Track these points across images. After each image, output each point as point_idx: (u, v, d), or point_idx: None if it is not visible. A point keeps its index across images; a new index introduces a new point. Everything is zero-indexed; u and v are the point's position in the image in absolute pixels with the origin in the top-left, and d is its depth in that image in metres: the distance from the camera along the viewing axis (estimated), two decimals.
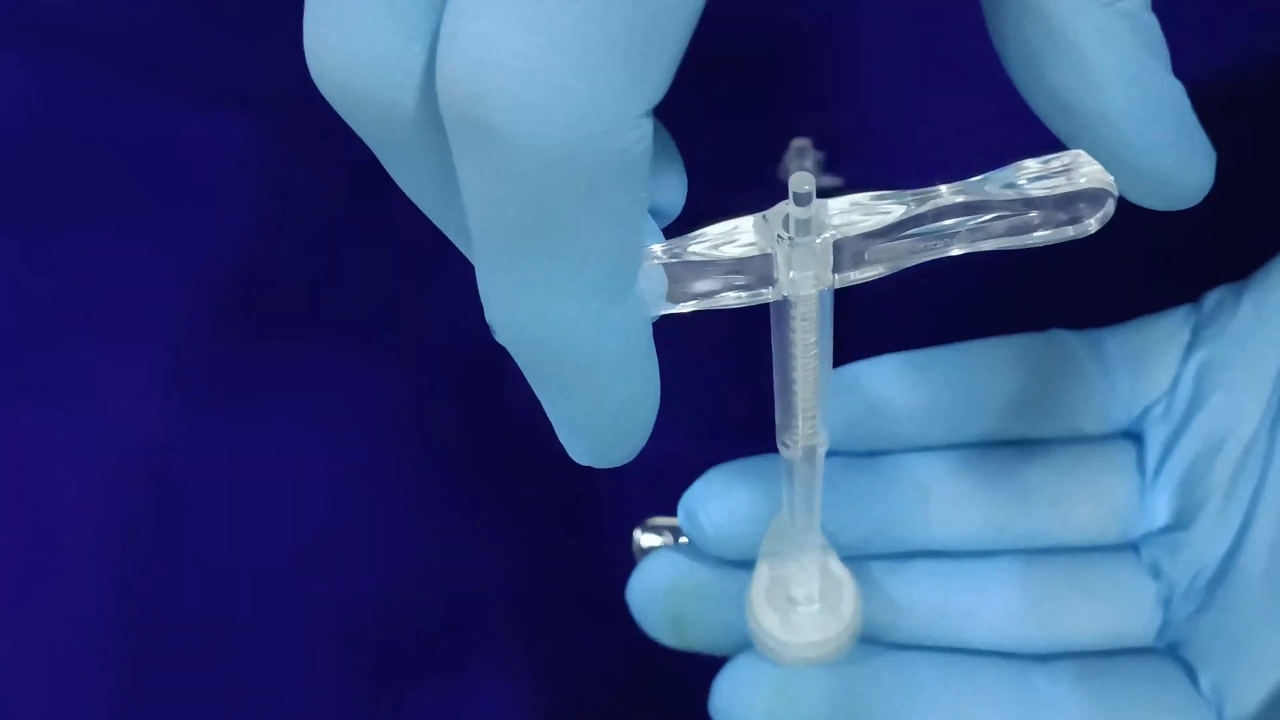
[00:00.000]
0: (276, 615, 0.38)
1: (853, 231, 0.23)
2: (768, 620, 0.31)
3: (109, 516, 0.39)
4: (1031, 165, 0.23)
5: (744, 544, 0.31)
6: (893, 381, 0.32)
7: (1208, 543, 0.31)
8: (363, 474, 0.39)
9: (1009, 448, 0.33)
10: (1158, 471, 0.32)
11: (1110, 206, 0.23)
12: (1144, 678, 0.31)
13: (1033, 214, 0.23)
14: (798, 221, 0.22)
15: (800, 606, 0.31)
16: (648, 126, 0.20)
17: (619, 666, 0.38)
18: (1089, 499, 0.32)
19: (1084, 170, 0.23)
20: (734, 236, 0.23)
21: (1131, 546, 0.33)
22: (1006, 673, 0.31)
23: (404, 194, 0.42)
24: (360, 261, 0.42)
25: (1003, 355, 0.32)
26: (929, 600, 0.32)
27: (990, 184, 0.23)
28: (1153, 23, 0.23)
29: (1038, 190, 0.23)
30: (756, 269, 0.23)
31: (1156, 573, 0.32)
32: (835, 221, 0.23)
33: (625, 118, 0.19)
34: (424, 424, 0.40)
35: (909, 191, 0.23)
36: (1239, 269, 0.34)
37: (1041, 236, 0.23)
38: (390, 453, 0.40)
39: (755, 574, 0.31)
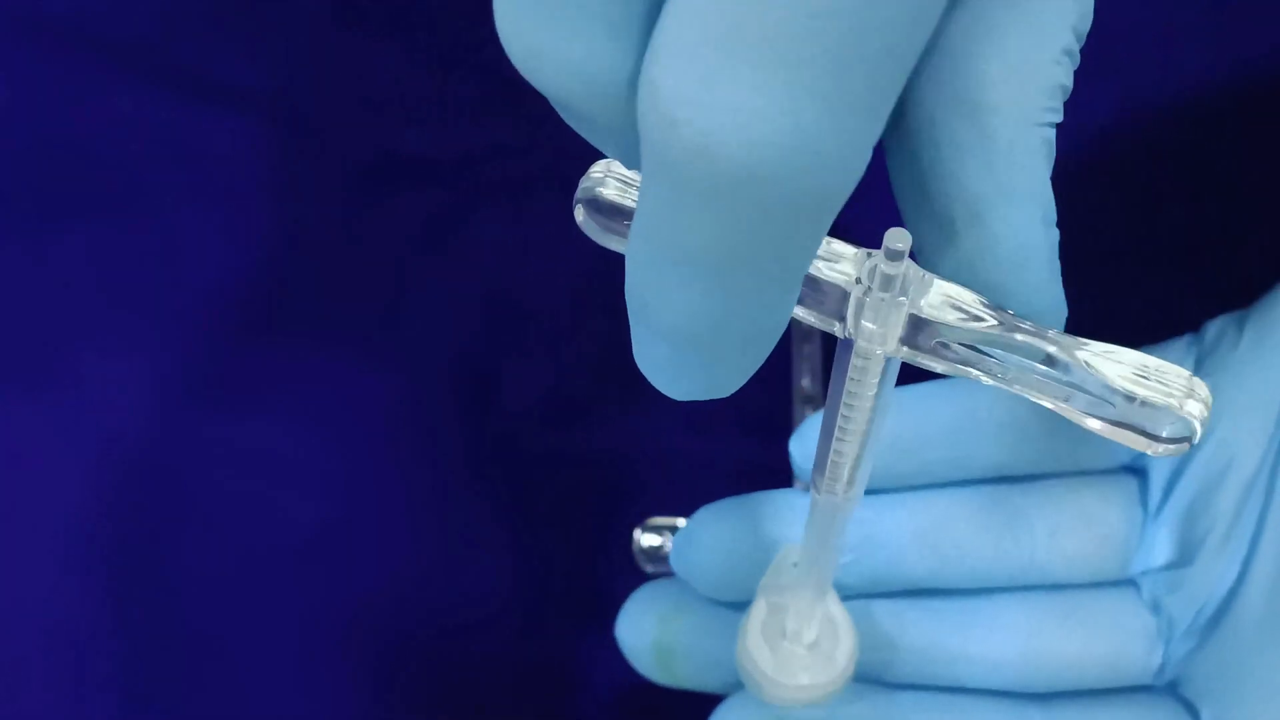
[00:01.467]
0: (274, 614, 0.38)
1: (933, 317, 0.22)
2: (761, 658, 0.30)
3: (107, 515, 0.39)
4: (1142, 362, 0.22)
5: (736, 584, 0.31)
6: (890, 417, 0.32)
7: (1209, 579, 0.31)
8: (362, 474, 0.39)
9: (1008, 483, 0.32)
10: (1160, 507, 0.32)
11: (1186, 447, 0.22)
12: (1145, 717, 0.31)
13: (1111, 406, 0.22)
14: (883, 275, 0.21)
15: (794, 646, 0.30)
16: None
17: (619, 666, 0.38)
18: (1089, 535, 0.32)
19: (1187, 394, 0.21)
20: (830, 255, 0.22)
21: (1131, 583, 0.32)
22: (1004, 712, 0.31)
23: (403, 194, 0.42)
24: (360, 261, 0.42)
25: (993, 392, 0.32)
26: (925, 639, 0.32)
27: (1089, 350, 0.22)
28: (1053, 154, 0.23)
29: (1133, 387, 0.21)
30: (833, 298, 0.22)
31: (1157, 609, 0.32)
32: (929, 301, 0.22)
33: (855, 166, 0.19)
34: (423, 424, 0.40)
35: (1014, 316, 0.22)
36: (1243, 273, 0.34)
37: (1101, 427, 0.22)
38: (390, 452, 0.40)
39: (751, 610, 0.31)
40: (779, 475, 0.40)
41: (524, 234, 0.42)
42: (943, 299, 0.22)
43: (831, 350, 0.41)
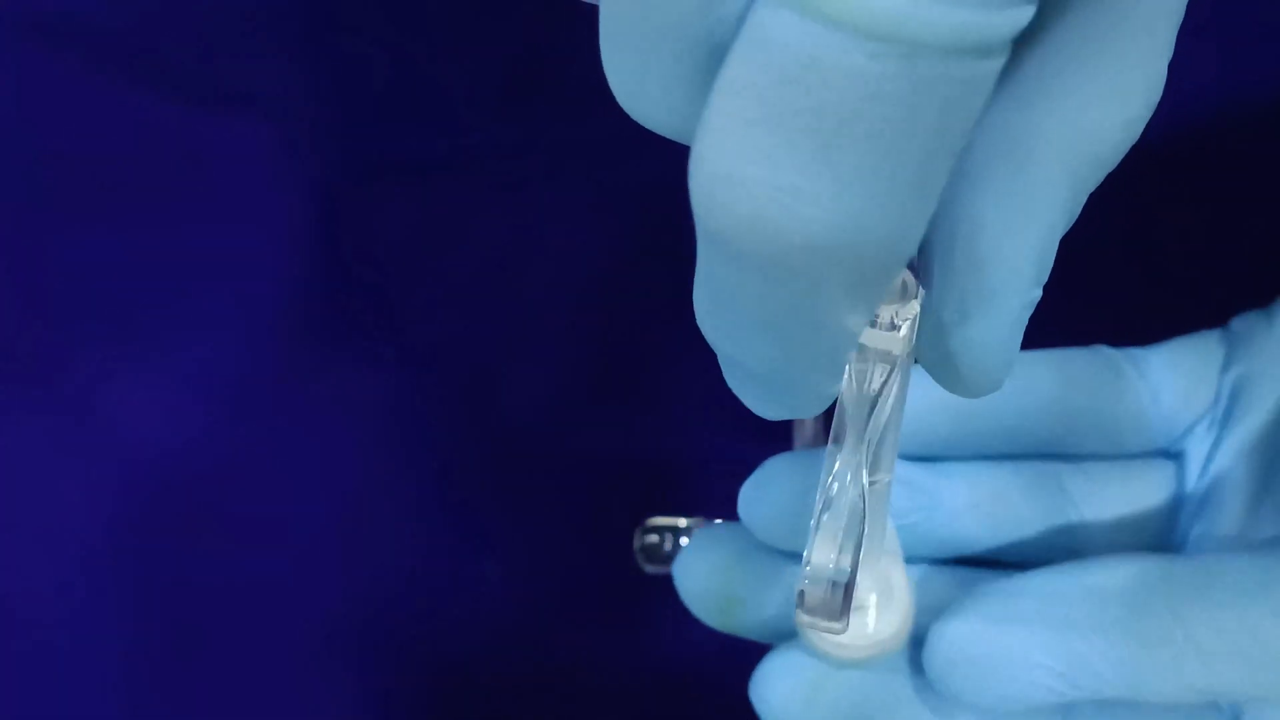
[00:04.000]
0: (275, 613, 0.38)
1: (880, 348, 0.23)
2: None
3: (108, 517, 0.39)
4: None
5: (800, 536, 0.31)
6: (933, 390, 0.32)
7: None
8: (362, 474, 0.40)
9: (1049, 461, 0.33)
10: (1196, 489, 0.32)
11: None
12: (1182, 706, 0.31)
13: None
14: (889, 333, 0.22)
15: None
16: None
17: (619, 666, 0.38)
18: (1130, 515, 0.32)
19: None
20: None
21: None
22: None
23: (402, 194, 0.42)
24: (360, 261, 0.42)
25: (1046, 369, 0.32)
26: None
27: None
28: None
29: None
30: None
31: None
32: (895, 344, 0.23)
33: (909, 238, 0.19)
34: (423, 424, 0.40)
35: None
36: (1240, 276, 0.34)
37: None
38: (389, 453, 0.40)
39: None
40: None
41: (524, 234, 0.42)
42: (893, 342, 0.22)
43: None
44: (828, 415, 0.40)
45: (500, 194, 0.43)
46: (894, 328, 0.22)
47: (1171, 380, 0.33)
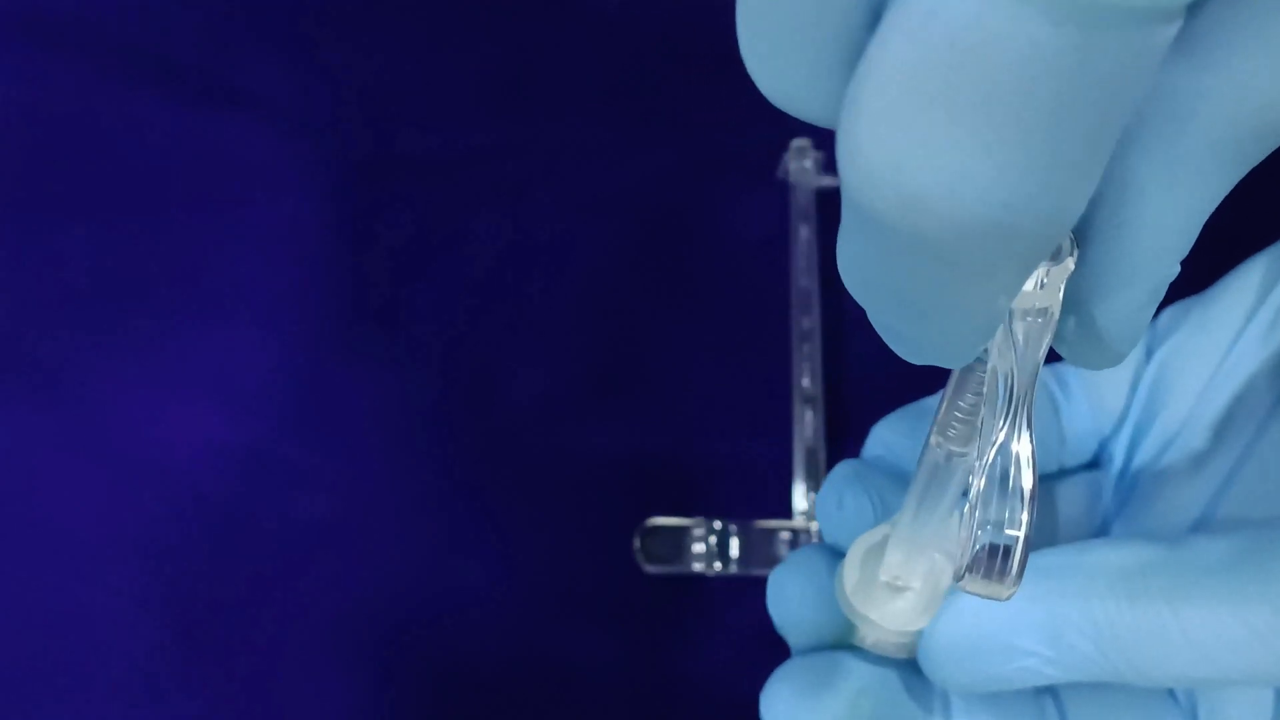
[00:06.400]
0: (278, 612, 0.38)
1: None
2: (850, 578, 0.30)
3: (113, 516, 0.39)
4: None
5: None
6: (889, 428, 0.32)
7: None
8: (362, 472, 0.39)
9: None
10: (1115, 495, 0.32)
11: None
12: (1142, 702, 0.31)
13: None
14: (1039, 310, 0.22)
15: (887, 580, 0.30)
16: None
17: (619, 665, 0.38)
18: (1065, 533, 0.32)
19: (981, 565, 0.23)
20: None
21: None
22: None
23: (402, 194, 0.43)
24: (360, 261, 0.42)
25: None
26: None
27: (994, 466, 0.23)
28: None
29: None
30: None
31: None
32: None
33: (1071, 213, 0.18)
34: (423, 423, 0.40)
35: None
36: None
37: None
38: (390, 451, 0.40)
39: (869, 533, 0.30)
40: (779, 475, 0.40)
41: (524, 234, 0.42)
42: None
43: (831, 352, 0.41)
44: (827, 414, 0.40)
45: (500, 194, 0.43)
46: (1044, 286, 0.22)
47: (1086, 394, 0.33)
